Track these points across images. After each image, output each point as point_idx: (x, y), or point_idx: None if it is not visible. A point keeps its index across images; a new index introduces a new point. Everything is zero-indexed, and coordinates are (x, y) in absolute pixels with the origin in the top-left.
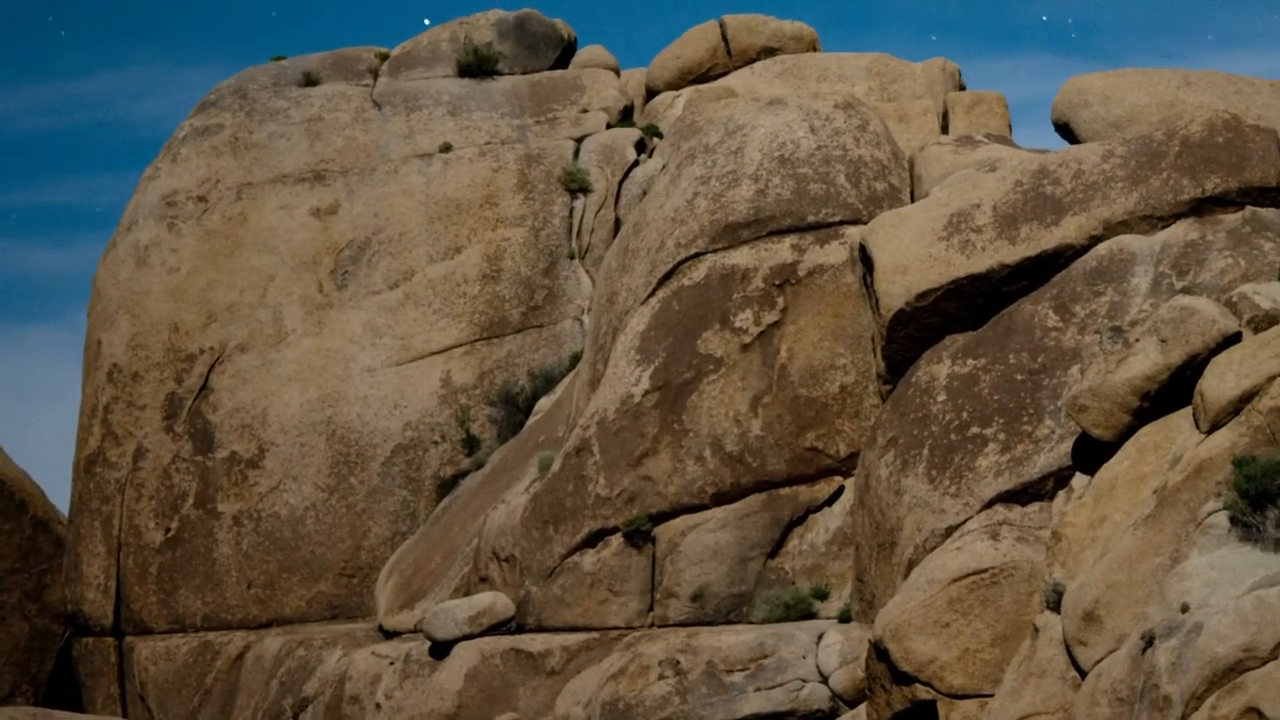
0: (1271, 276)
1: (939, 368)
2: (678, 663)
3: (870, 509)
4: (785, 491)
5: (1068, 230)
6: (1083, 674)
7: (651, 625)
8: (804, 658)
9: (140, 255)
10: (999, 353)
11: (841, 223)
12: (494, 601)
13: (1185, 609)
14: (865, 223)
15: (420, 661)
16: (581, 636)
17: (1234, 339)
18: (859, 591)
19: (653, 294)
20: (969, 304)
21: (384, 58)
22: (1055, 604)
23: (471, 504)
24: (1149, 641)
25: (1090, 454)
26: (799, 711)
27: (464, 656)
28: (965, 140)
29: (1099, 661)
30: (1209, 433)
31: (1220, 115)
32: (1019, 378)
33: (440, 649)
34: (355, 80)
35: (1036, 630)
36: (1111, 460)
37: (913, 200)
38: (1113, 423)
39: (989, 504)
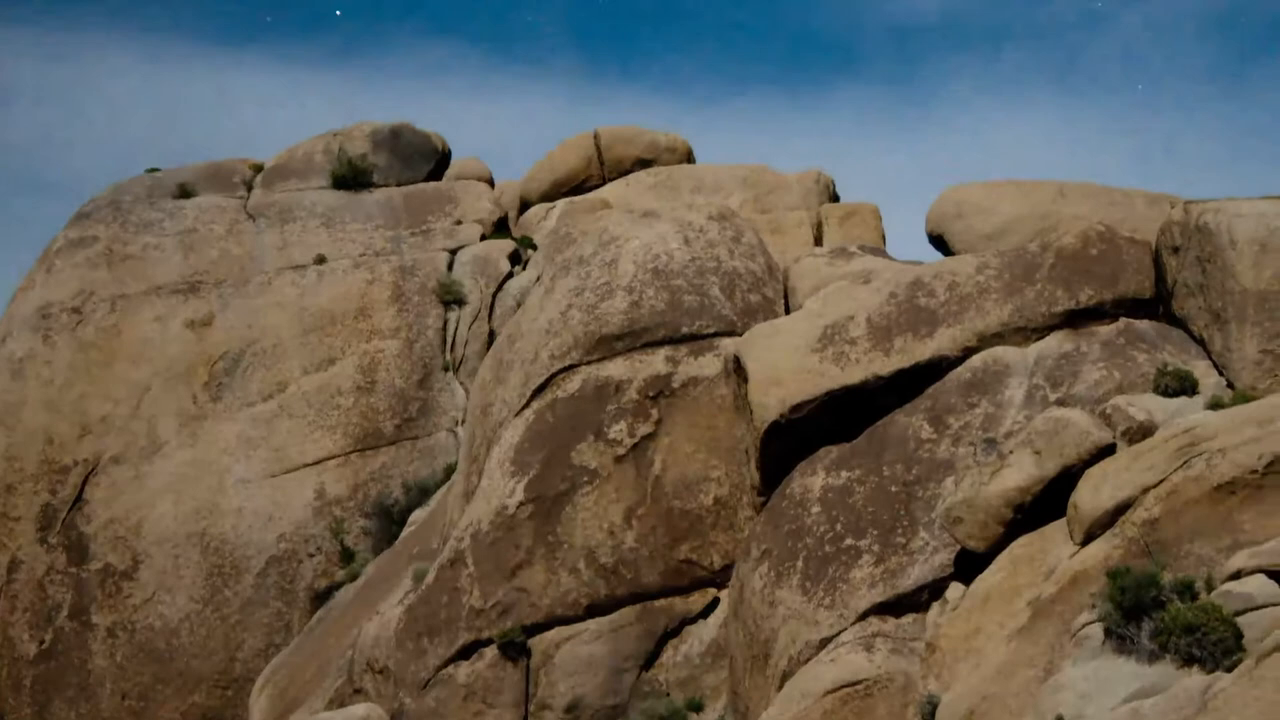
0: (1145, 388)
1: (813, 479)
2: None
3: (744, 620)
4: (660, 603)
5: (942, 342)
6: None
7: None
8: None
9: (15, 367)
10: (873, 464)
11: (716, 334)
12: (368, 713)
13: None
14: (739, 334)
15: None
16: None
17: (1108, 450)
18: (733, 703)
19: (527, 405)
20: (843, 415)
21: (258, 169)
22: (930, 716)
23: (346, 615)
24: None
25: (969, 565)
26: None
27: None
28: (839, 252)
29: None
30: (1083, 544)
31: (1095, 227)
32: (893, 489)
33: None
34: (229, 192)
35: None
36: (986, 571)
37: (787, 312)
38: (987, 534)
39: (863, 615)
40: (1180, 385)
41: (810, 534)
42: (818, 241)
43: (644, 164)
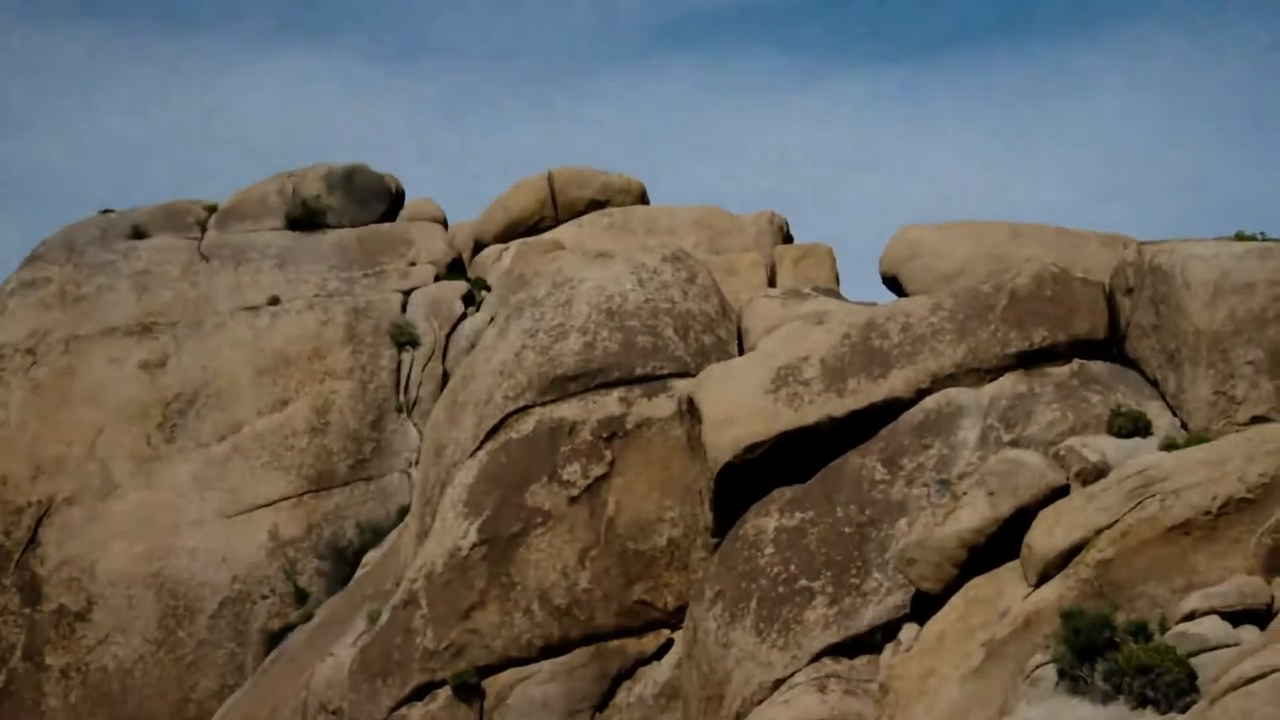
0: (1099, 429)
1: (767, 520)
2: None
3: (698, 662)
4: (613, 644)
5: (895, 383)
6: None
7: None
8: None
9: None
10: (827, 506)
11: (669, 375)
12: None
13: None
14: (693, 375)
15: None
16: None
17: (1062, 492)
18: None
19: (481, 447)
20: (797, 456)
21: (212, 210)
22: None
23: (300, 657)
24: None
25: (923, 606)
26: None
27: None
28: (793, 293)
29: None
30: (1037, 585)
31: (1048, 268)
32: (847, 530)
33: None
34: (183, 233)
35: None
36: (939, 612)
37: (741, 353)
38: (941, 575)
39: (817, 657)
40: (1134, 426)
41: (764, 575)
42: (771, 283)
43: (598, 205)
